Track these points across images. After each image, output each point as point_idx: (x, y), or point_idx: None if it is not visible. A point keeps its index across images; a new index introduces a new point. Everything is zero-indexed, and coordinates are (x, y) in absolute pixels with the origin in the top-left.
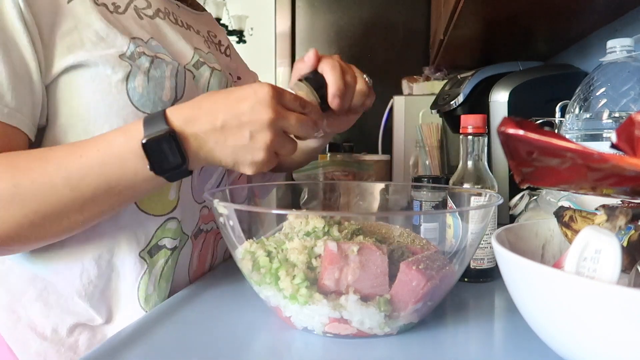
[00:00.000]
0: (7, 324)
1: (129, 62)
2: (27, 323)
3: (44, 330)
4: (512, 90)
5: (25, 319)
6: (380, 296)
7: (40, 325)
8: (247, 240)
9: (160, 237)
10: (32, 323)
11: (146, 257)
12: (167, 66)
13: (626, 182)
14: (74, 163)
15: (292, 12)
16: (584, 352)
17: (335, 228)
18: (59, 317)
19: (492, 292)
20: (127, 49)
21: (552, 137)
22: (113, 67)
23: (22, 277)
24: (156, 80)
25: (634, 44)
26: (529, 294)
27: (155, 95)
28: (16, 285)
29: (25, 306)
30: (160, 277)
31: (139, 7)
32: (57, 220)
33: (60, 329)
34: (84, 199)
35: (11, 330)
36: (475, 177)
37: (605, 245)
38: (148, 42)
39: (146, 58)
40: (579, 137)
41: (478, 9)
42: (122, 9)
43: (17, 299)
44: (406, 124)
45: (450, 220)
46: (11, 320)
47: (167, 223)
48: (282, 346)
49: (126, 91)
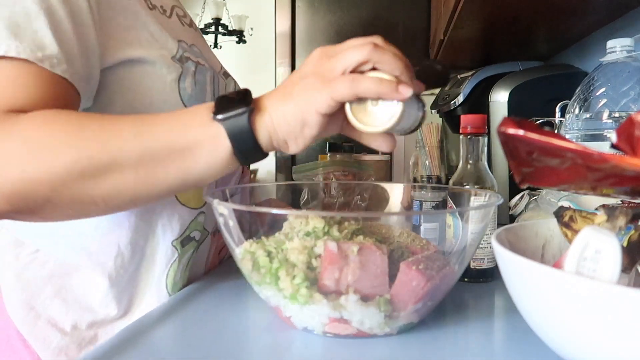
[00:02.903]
0: (26, 320)
1: (179, 64)
2: (46, 319)
3: (64, 326)
4: (512, 90)
5: (44, 316)
6: (380, 296)
7: (60, 321)
8: (247, 240)
9: (192, 229)
10: (52, 319)
11: (178, 246)
12: (207, 72)
13: (626, 182)
14: (147, 118)
15: (292, 12)
16: (583, 352)
17: (335, 228)
18: (78, 314)
19: (492, 292)
20: (176, 52)
21: (552, 137)
22: (168, 67)
23: (38, 275)
24: (200, 84)
25: (634, 44)
26: (529, 294)
27: (201, 97)
28: (34, 283)
29: (44, 303)
30: (186, 267)
31: (179, 15)
32: (107, 173)
33: (80, 324)
34: (145, 155)
35: (31, 327)
36: (475, 177)
37: (605, 245)
38: (191, 47)
39: (192, 63)
40: (579, 137)
41: (478, 9)
42: (168, 13)
43: (35, 296)
44: None
45: (450, 220)
46: (30, 317)
47: (198, 216)
48: (282, 346)
49: (178, 90)
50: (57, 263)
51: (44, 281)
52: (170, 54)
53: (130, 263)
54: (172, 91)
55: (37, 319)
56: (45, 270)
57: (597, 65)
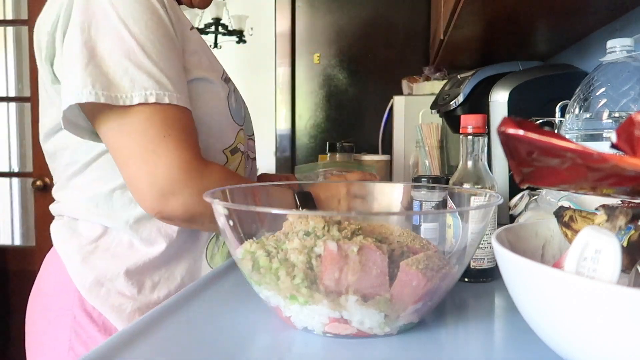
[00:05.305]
0: (99, 295)
1: (226, 83)
2: (116, 292)
3: (132, 293)
4: (512, 90)
5: (113, 290)
6: (380, 296)
7: (127, 290)
8: (247, 240)
9: None
10: (120, 291)
11: None
12: (237, 92)
13: (626, 182)
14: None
15: (292, 12)
16: (583, 352)
17: (335, 228)
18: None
19: (492, 292)
20: (222, 73)
21: (552, 137)
22: (222, 86)
23: (103, 257)
24: (238, 101)
25: (634, 44)
26: (528, 294)
27: (240, 111)
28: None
29: (112, 280)
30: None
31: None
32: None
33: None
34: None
35: (104, 300)
36: (475, 177)
37: (605, 245)
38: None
39: (231, 83)
40: (579, 137)
41: (478, 9)
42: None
43: (102, 275)
44: (406, 124)
45: (450, 220)
46: (102, 292)
47: None
48: (282, 346)
49: (228, 105)
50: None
51: (108, 262)
52: (220, 75)
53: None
54: (225, 106)
55: (107, 293)
56: (109, 253)
57: (597, 65)
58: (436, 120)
